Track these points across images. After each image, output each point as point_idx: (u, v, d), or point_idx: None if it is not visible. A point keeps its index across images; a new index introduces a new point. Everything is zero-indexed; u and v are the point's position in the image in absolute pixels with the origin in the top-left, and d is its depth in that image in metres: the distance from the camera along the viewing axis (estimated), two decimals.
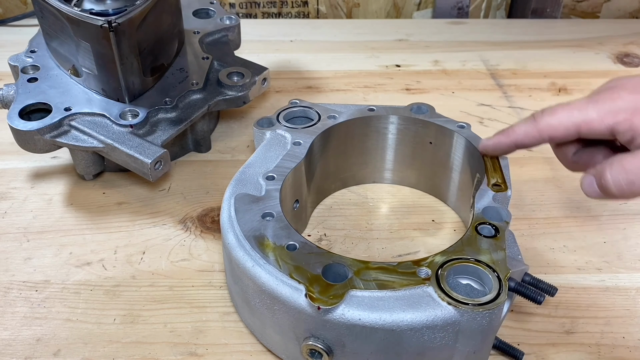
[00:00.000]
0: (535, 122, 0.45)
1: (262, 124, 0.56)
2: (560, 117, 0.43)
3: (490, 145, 0.49)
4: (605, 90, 0.43)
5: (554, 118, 0.44)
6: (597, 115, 0.42)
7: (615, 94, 0.42)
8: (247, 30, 0.77)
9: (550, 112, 0.44)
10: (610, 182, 0.41)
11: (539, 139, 0.45)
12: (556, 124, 0.44)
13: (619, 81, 0.44)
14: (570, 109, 0.43)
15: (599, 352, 0.45)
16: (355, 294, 0.38)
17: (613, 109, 0.41)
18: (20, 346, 0.45)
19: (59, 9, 0.54)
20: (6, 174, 0.62)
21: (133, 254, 0.53)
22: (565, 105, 0.44)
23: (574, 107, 0.43)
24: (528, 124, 0.45)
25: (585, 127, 0.42)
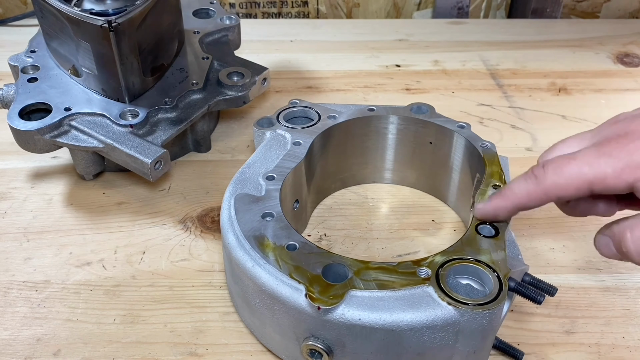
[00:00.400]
0: (538, 181, 0.39)
1: (262, 124, 0.56)
2: (568, 176, 0.37)
3: (490, 212, 0.43)
4: (617, 137, 0.37)
5: (561, 177, 0.37)
6: (613, 172, 0.36)
7: (632, 144, 0.36)
8: (247, 30, 0.77)
9: (555, 169, 0.38)
10: (632, 249, 0.37)
11: (545, 200, 0.39)
12: (564, 183, 0.37)
13: (630, 124, 0.38)
14: (579, 164, 0.37)
15: (599, 352, 0.45)
16: (355, 294, 0.38)
17: (631, 163, 0.36)
18: (20, 346, 0.45)
19: (59, 9, 0.54)
20: (6, 174, 0.62)
21: (133, 254, 0.53)
22: (571, 159, 0.38)
23: (582, 160, 0.37)
24: (529, 184, 0.39)
25: (598, 184, 0.37)
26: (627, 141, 0.37)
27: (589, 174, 0.37)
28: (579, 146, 0.40)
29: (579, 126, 0.70)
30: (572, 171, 0.37)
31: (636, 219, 0.37)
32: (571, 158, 0.38)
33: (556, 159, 0.38)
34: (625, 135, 0.37)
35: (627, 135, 0.37)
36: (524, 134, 0.69)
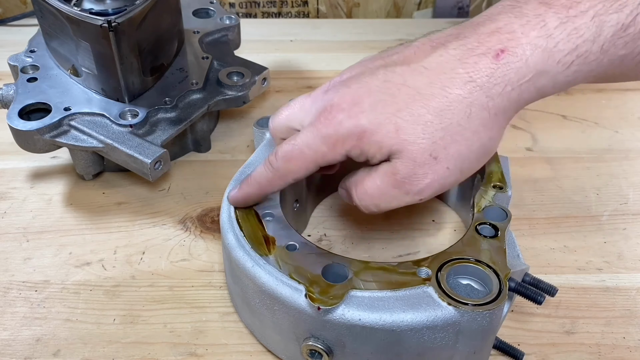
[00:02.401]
0: (274, 169, 0.43)
1: (262, 123, 0.55)
2: (295, 161, 0.41)
3: (241, 198, 0.45)
4: (325, 111, 0.40)
5: (291, 163, 0.42)
6: (328, 148, 0.40)
7: (335, 119, 0.40)
8: (247, 30, 0.77)
9: (284, 158, 0.42)
10: (358, 203, 0.42)
11: (285, 183, 0.43)
12: (295, 168, 0.42)
13: (335, 95, 0.41)
14: (301, 149, 0.41)
15: (599, 352, 0.45)
16: (355, 294, 0.38)
17: (339, 138, 0.39)
18: (19, 346, 0.45)
19: (59, 9, 0.54)
20: (6, 174, 0.62)
21: (133, 254, 0.53)
22: (294, 145, 0.41)
23: (303, 144, 0.41)
24: (268, 172, 0.43)
25: (321, 161, 0.41)
26: (332, 115, 0.40)
27: (311, 155, 0.41)
28: (301, 114, 0.43)
29: (580, 126, 0.70)
30: (298, 156, 0.41)
31: (359, 176, 0.42)
32: (294, 144, 0.41)
33: (284, 147, 0.42)
34: (331, 108, 0.40)
35: (332, 108, 0.40)
36: (524, 134, 0.69)
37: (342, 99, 0.40)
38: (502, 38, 0.37)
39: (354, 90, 0.40)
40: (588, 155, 0.65)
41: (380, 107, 0.39)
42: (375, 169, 0.41)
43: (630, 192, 0.60)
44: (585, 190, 0.60)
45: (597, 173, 0.63)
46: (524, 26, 0.36)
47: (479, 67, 0.37)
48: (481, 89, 0.37)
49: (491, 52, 0.37)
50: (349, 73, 0.43)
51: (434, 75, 0.38)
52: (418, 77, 0.39)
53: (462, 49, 0.38)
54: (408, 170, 0.39)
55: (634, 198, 0.59)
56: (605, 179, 0.62)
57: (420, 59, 0.39)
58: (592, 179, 0.62)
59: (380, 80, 0.40)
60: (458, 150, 0.39)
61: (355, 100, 0.40)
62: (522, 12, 0.37)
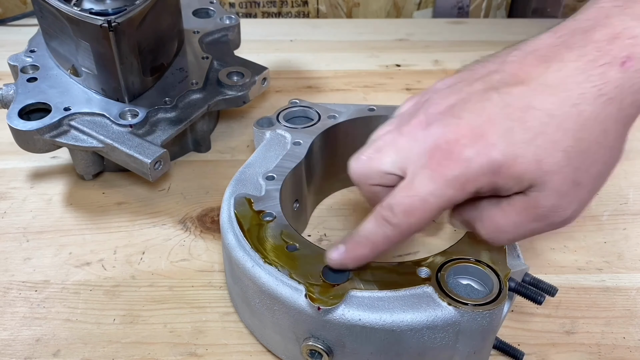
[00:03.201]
0: (394, 226, 0.37)
1: (262, 123, 0.55)
2: (420, 214, 0.36)
3: (351, 261, 0.39)
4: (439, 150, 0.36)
5: (414, 217, 0.37)
6: (456, 191, 0.36)
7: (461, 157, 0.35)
8: (247, 30, 0.77)
9: (406, 213, 0.37)
10: (487, 238, 0.39)
11: (403, 239, 0.38)
12: (419, 222, 0.37)
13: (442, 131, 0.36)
14: (422, 199, 0.36)
15: (599, 352, 0.45)
16: (355, 294, 0.38)
17: (469, 178, 0.35)
18: (19, 346, 0.45)
19: (59, 9, 0.54)
20: (6, 174, 0.62)
21: (133, 254, 0.53)
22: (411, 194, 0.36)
23: (424, 192, 0.36)
24: (387, 230, 0.38)
25: (448, 205, 0.37)
26: (454, 154, 0.35)
27: (437, 204, 0.36)
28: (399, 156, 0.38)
29: None
30: (421, 207, 0.36)
31: (485, 210, 0.38)
32: (414, 195, 0.36)
33: (402, 200, 0.37)
34: (448, 145, 0.36)
35: (450, 145, 0.36)
36: None
37: (459, 132, 0.36)
38: (626, 44, 0.34)
39: (470, 120, 0.36)
40: None
41: (511, 136, 0.35)
42: (508, 203, 0.37)
43: (630, 192, 0.60)
44: None
45: None
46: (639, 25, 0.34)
47: (606, 79, 0.34)
48: (613, 102, 0.34)
49: (617, 61, 0.34)
50: (444, 100, 0.38)
51: (561, 93, 0.35)
52: (543, 97, 0.35)
53: (583, 60, 0.35)
54: (552, 203, 0.36)
55: (634, 198, 0.59)
56: None
57: (535, 76, 0.36)
58: None
59: (499, 106, 0.35)
60: (598, 170, 0.36)
61: (477, 133, 0.35)
62: (636, 13, 0.34)
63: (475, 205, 0.39)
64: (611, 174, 0.38)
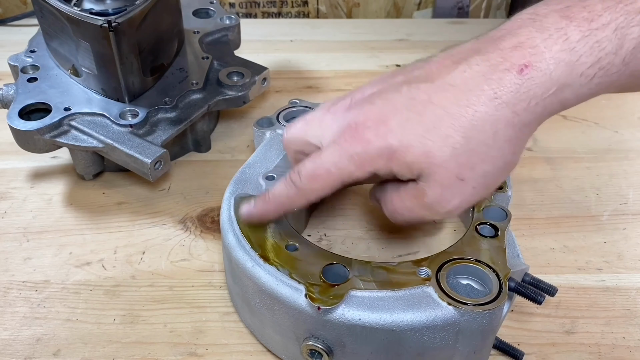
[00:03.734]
0: (297, 188, 0.41)
1: (262, 123, 0.56)
2: (321, 180, 0.40)
3: (257, 215, 0.44)
4: (351, 129, 0.39)
5: (316, 182, 0.41)
6: (355, 167, 0.39)
7: (363, 138, 0.39)
8: (247, 30, 0.77)
9: (308, 177, 0.41)
10: (389, 217, 0.43)
11: (306, 203, 0.42)
12: (320, 187, 0.41)
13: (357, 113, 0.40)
14: (326, 168, 0.40)
15: (599, 352, 0.45)
16: (355, 294, 0.38)
17: (368, 157, 0.39)
18: (20, 346, 0.45)
19: (59, 9, 0.54)
20: (6, 174, 0.62)
21: (133, 254, 0.53)
22: (319, 164, 0.40)
23: (328, 162, 0.40)
24: (290, 190, 0.42)
25: (348, 179, 0.40)
26: (359, 133, 0.39)
27: (338, 174, 0.40)
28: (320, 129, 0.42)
29: (580, 126, 0.70)
30: (324, 175, 0.40)
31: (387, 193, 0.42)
32: (319, 163, 0.40)
33: (309, 165, 0.41)
34: (356, 126, 0.39)
35: (358, 125, 0.39)
36: None
37: (367, 116, 0.39)
38: (525, 53, 0.36)
39: (379, 107, 0.39)
40: (588, 155, 0.65)
41: (408, 126, 0.38)
42: (404, 189, 0.40)
43: (630, 192, 0.60)
44: (585, 190, 0.60)
45: (597, 173, 0.63)
46: (547, 40, 0.36)
47: (504, 83, 0.36)
48: (507, 106, 0.36)
49: (515, 68, 0.36)
50: (370, 89, 0.42)
51: (460, 93, 0.37)
52: (443, 94, 0.38)
53: (486, 64, 0.37)
54: (436, 195, 0.39)
55: (634, 198, 0.59)
56: (605, 179, 0.62)
57: (443, 75, 0.38)
58: (592, 179, 0.62)
59: (405, 97, 0.39)
60: (484, 170, 0.38)
61: (381, 118, 0.39)
62: (543, 26, 0.36)
63: (383, 187, 0.43)
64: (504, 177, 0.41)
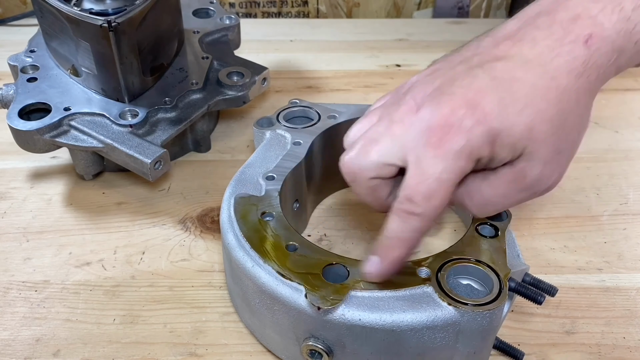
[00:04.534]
0: (420, 215, 0.37)
1: (262, 123, 0.55)
2: (440, 194, 0.36)
3: (388, 269, 0.39)
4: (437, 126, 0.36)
5: (435, 200, 0.36)
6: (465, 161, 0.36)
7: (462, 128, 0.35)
8: (247, 30, 0.77)
9: (425, 197, 0.36)
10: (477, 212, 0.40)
11: (431, 224, 0.38)
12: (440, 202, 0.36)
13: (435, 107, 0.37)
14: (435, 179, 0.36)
15: (599, 352, 0.45)
16: (355, 294, 0.38)
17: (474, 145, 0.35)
18: (19, 346, 0.45)
19: (59, 9, 0.54)
20: (6, 174, 0.62)
21: (133, 254, 0.53)
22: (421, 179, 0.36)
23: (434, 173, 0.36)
24: (414, 222, 0.37)
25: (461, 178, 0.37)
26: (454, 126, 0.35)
27: (451, 179, 0.36)
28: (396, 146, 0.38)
29: None
30: (438, 188, 0.36)
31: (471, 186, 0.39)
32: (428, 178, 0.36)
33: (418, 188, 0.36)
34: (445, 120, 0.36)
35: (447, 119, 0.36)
36: None
37: (453, 105, 0.36)
38: (586, 24, 0.37)
39: (461, 94, 0.36)
40: (588, 155, 0.65)
41: (504, 106, 0.36)
42: (494, 177, 0.38)
43: (630, 192, 0.60)
44: (585, 190, 0.60)
45: (597, 173, 0.63)
46: (603, 10, 0.37)
47: (574, 55, 0.37)
48: (582, 76, 0.37)
49: (580, 39, 0.36)
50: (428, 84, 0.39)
51: (539, 67, 0.36)
52: (524, 70, 0.36)
53: (552, 38, 0.37)
54: (538, 172, 0.37)
55: (634, 198, 0.59)
56: (605, 179, 0.62)
57: (514, 54, 0.37)
58: (592, 179, 0.62)
59: (487, 79, 0.36)
60: (574, 138, 0.39)
61: (472, 104, 0.36)
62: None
63: (463, 183, 0.39)
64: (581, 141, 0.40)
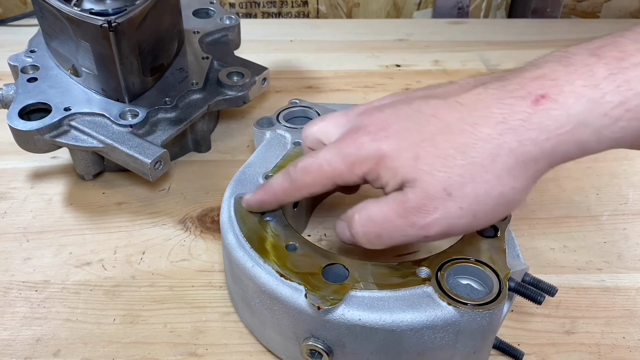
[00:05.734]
0: (292, 180, 0.42)
1: (262, 124, 0.56)
2: (313, 175, 0.41)
3: (254, 204, 0.45)
4: (352, 132, 0.40)
5: (308, 176, 0.41)
6: (346, 167, 0.39)
7: (359, 141, 0.39)
8: (247, 30, 0.77)
9: (303, 171, 0.41)
10: (359, 234, 0.40)
11: (300, 196, 0.43)
12: (311, 181, 0.41)
13: (365, 118, 0.41)
14: (320, 164, 0.40)
15: (599, 352, 0.45)
16: (355, 294, 0.38)
17: (359, 159, 0.39)
18: (20, 346, 0.45)
19: (59, 9, 0.54)
20: (6, 174, 0.62)
21: (133, 254, 0.53)
22: (314, 159, 0.41)
23: (323, 160, 0.40)
24: (285, 182, 0.43)
25: (339, 179, 0.40)
26: (357, 136, 0.39)
27: (329, 172, 0.40)
28: (333, 129, 0.43)
29: None
30: (316, 171, 0.41)
31: (364, 203, 0.40)
32: (315, 158, 0.41)
33: (305, 160, 0.42)
34: (358, 129, 0.40)
35: (359, 129, 0.40)
36: None
37: (371, 122, 0.40)
38: (545, 84, 0.35)
39: (385, 115, 0.40)
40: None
41: (405, 134, 0.38)
42: (383, 198, 0.39)
43: (630, 192, 0.60)
44: (585, 190, 0.60)
45: (597, 173, 0.63)
46: (570, 74, 0.35)
47: (515, 110, 0.35)
48: (513, 133, 0.35)
49: (531, 97, 0.35)
50: (389, 100, 0.43)
51: (467, 112, 0.37)
52: (450, 110, 0.37)
53: (502, 90, 0.36)
54: (418, 200, 0.37)
55: (634, 198, 0.59)
56: (605, 179, 0.62)
57: (457, 95, 0.38)
58: (592, 179, 0.62)
59: (412, 110, 0.39)
60: (475, 192, 0.36)
61: (382, 125, 0.39)
62: (569, 62, 0.35)
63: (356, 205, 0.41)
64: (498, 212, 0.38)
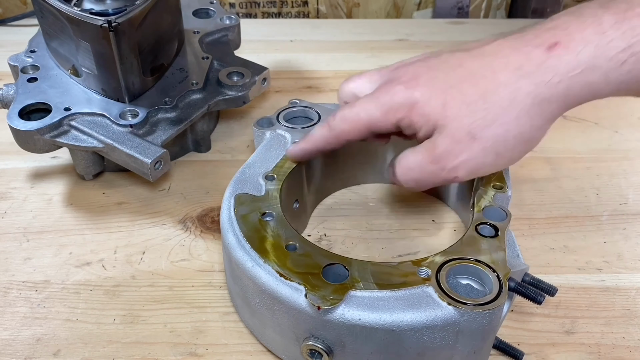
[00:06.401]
0: (331, 128, 0.46)
1: (262, 124, 0.56)
2: (351, 123, 0.45)
3: (298, 153, 0.50)
4: (386, 83, 0.44)
5: (346, 124, 0.45)
6: (381, 114, 0.43)
7: (393, 89, 0.43)
8: (247, 30, 0.77)
9: (341, 118, 0.45)
10: (400, 179, 0.45)
11: (339, 143, 0.47)
12: (349, 129, 0.45)
13: (397, 71, 0.45)
14: (357, 111, 0.44)
15: (599, 352, 0.45)
16: (355, 294, 0.38)
17: (393, 106, 0.43)
18: (20, 346, 0.45)
19: (59, 9, 0.54)
20: (6, 174, 0.62)
21: (133, 254, 0.53)
22: (352, 107, 0.45)
23: (360, 107, 0.44)
24: (325, 131, 0.47)
25: (374, 127, 0.44)
26: (391, 85, 0.43)
27: (365, 119, 0.44)
28: (368, 84, 0.47)
29: (580, 126, 0.70)
30: (353, 119, 0.45)
31: (404, 152, 0.44)
32: (352, 108, 0.45)
33: (343, 109, 0.45)
34: (392, 80, 0.44)
35: (393, 80, 0.44)
36: None
37: (404, 73, 0.44)
38: (558, 33, 0.39)
39: (416, 67, 0.44)
40: (588, 155, 0.65)
41: (434, 82, 0.42)
42: (418, 146, 0.43)
43: (630, 192, 0.60)
44: (585, 190, 0.60)
45: (597, 173, 0.63)
46: (581, 24, 0.38)
47: (530, 57, 0.39)
48: (529, 77, 0.39)
49: (545, 45, 0.39)
50: (418, 57, 0.46)
51: (488, 60, 0.41)
52: (473, 60, 0.42)
53: (519, 40, 0.41)
54: (446, 146, 0.41)
55: (633, 198, 0.60)
56: (605, 179, 0.62)
57: (480, 47, 0.42)
58: (592, 179, 0.62)
59: (441, 61, 0.43)
60: (496, 133, 0.40)
61: (414, 75, 0.43)
62: (580, 13, 0.39)
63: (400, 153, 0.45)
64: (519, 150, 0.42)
